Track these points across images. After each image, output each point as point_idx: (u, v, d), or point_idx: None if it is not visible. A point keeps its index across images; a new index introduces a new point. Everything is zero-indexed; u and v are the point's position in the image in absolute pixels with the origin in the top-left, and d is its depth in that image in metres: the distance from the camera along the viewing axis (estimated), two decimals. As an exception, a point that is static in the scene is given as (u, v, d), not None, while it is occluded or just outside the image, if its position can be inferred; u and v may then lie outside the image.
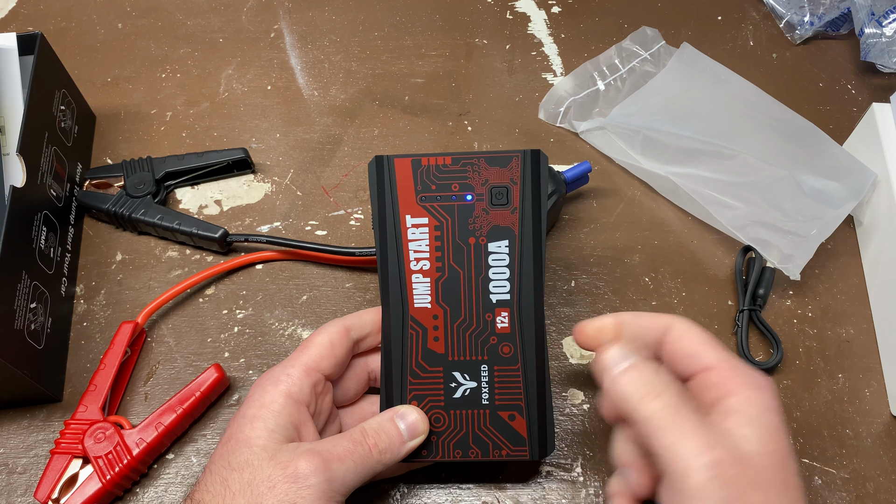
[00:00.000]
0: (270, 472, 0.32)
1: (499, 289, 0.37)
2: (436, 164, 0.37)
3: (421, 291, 0.37)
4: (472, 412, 0.37)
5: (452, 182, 0.37)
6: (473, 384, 0.37)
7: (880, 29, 0.58)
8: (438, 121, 0.57)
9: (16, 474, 0.43)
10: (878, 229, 0.49)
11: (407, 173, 0.37)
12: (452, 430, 0.38)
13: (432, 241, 0.37)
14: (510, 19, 0.64)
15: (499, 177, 0.37)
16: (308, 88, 0.59)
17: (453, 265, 0.37)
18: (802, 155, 0.51)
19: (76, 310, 0.49)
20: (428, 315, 0.37)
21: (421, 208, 0.37)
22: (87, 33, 0.63)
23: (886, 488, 0.42)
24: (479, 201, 0.37)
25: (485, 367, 0.37)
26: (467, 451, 0.37)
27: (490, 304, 0.37)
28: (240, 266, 0.50)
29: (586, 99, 0.58)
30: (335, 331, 0.38)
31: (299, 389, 0.35)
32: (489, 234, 0.37)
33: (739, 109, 0.54)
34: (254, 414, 0.35)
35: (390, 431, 0.36)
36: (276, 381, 0.36)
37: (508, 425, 0.37)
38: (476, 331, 0.37)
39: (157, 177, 0.52)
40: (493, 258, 0.37)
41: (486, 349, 0.37)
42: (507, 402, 0.37)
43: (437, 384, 0.37)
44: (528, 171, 0.36)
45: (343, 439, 0.35)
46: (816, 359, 0.47)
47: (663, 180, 0.52)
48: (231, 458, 0.33)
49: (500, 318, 0.37)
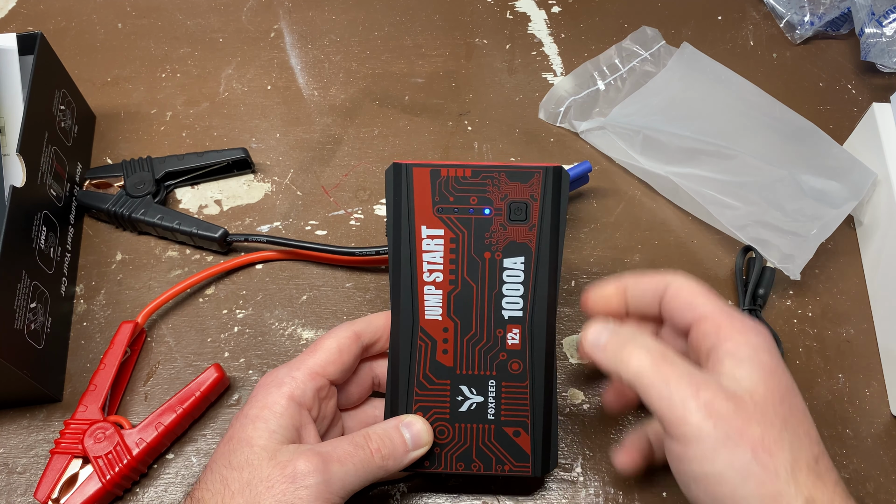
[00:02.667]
0: (269, 472, 0.32)
1: (512, 305, 0.36)
2: (455, 176, 0.36)
3: (432, 303, 0.37)
4: (477, 426, 0.37)
5: (471, 195, 0.36)
6: (480, 399, 0.37)
7: (880, 29, 0.58)
8: (438, 121, 0.57)
9: (16, 474, 0.43)
10: (878, 229, 0.49)
11: (425, 183, 0.36)
12: (456, 442, 0.37)
13: (447, 254, 0.36)
14: (510, 19, 0.64)
15: (519, 192, 0.36)
16: (308, 88, 0.59)
17: (467, 279, 0.36)
18: (802, 155, 0.51)
19: (76, 310, 0.49)
20: (438, 327, 0.37)
21: (437, 219, 0.36)
22: (87, 33, 0.63)
23: (886, 488, 0.42)
24: (497, 216, 0.36)
25: (492, 382, 0.37)
26: (470, 463, 0.37)
27: (502, 320, 0.37)
28: (240, 266, 0.50)
29: (586, 99, 0.58)
30: (345, 336, 0.37)
31: (302, 393, 0.35)
32: (505, 249, 0.36)
33: (739, 109, 0.54)
34: (256, 414, 0.35)
35: (395, 439, 0.36)
36: (280, 382, 0.36)
37: (513, 441, 0.37)
38: (486, 346, 0.37)
39: (157, 177, 0.52)
40: (507, 274, 0.36)
41: (496, 365, 0.37)
42: (512, 418, 0.37)
43: (443, 397, 0.37)
44: (549, 188, 0.36)
45: (345, 442, 0.35)
46: (816, 359, 0.47)
47: (663, 180, 0.52)
48: (232, 457, 0.34)
49: (511, 334, 0.37)
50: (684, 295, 0.35)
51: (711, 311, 0.34)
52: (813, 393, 0.45)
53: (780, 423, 0.30)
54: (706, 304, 0.34)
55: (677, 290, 0.35)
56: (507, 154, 0.55)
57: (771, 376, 0.31)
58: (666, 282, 0.36)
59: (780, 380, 0.31)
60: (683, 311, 0.35)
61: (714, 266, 0.50)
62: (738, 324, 0.33)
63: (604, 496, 0.42)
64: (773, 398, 0.31)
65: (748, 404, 0.30)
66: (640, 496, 0.42)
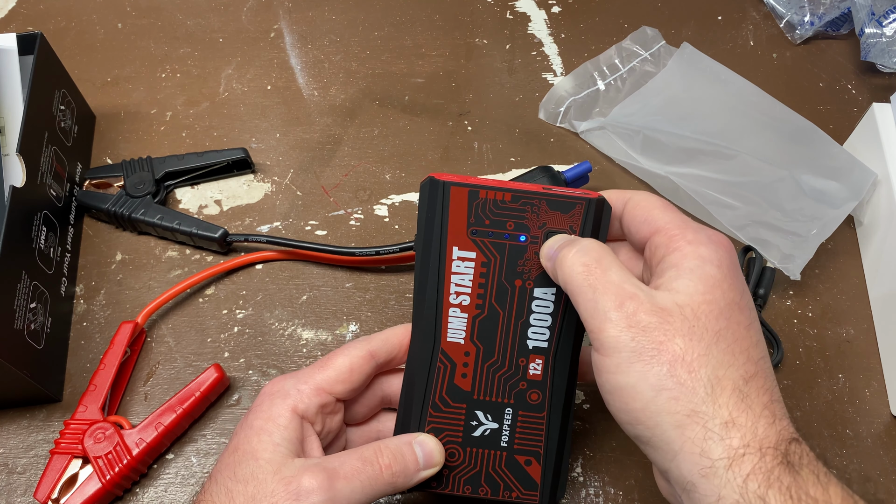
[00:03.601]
0: (274, 487, 0.32)
1: (537, 335, 0.35)
2: (493, 199, 0.35)
3: (456, 326, 0.36)
4: (488, 452, 0.36)
5: (508, 220, 0.35)
6: (495, 425, 0.36)
7: (880, 29, 0.58)
8: (438, 121, 0.57)
9: (16, 474, 0.43)
10: (878, 229, 0.49)
11: (462, 203, 0.35)
12: (466, 466, 0.37)
13: (476, 277, 0.35)
14: (510, 19, 0.64)
15: (558, 222, 0.34)
16: (308, 88, 0.59)
17: (494, 305, 0.35)
18: (802, 155, 0.51)
19: (76, 310, 0.49)
20: (459, 351, 0.36)
21: (471, 241, 0.35)
22: (87, 33, 0.63)
23: (886, 488, 0.42)
24: (533, 244, 0.35)
25: (509, 410, 0.36)
26: (477, 487, 0.37)
27: (526, 350, 0.36)
28: (240, 266, 0.50)
29: (586, 99, 0.58)
30: (358, 355, 0.36)
31: (306, 407, 0.35)
32: (537, 279, 0.35)
33: (739, 109, 0.54)
34: (261, 426, 0.34)
35: (407, 455, 0.35)
36: (285, 394, 0.35)
37: (524, 470, 0.36)
38: (506, 374, 0.36)
39: (157, 177, 0.52)
40: (536, 304, 0.35)
41: (515, 393, 0.36)
42: (526, 447, 0.36)
43: (457, 420, 0.36)
44: (589, 220, 0.34)
45: (352, 457, 0.34)
46: (816, 359, 0.47)
47: (663, 180, 0.52)
48: (237, 469, 0.33)
49: (533, 364, 0.36)
50: (641, 209, 0.33)
51: (666, 223, 0.32)
52: (813, 393, 0.45)
53: (710, 338, 0.28)
54: (661, 217, 0.32)
55: (635, 205, 0.34)
56: (507, 154, 0.55)
57: (713, 289, 0.29)
58: (626, 198, 0.34)
59: (723, 293, 0.29)
60: (640, 226, 0.33)
61: (714, 266, 0.50)
62: (690, 234, 0.31)
63: (604, 496, 0.42)
64: (709, 312, 0.29)
65: (675, 318, 0.29)
66: (639, 496, 0.42)
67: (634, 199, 0.34)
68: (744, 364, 0.29)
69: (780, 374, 0.46)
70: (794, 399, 0.45)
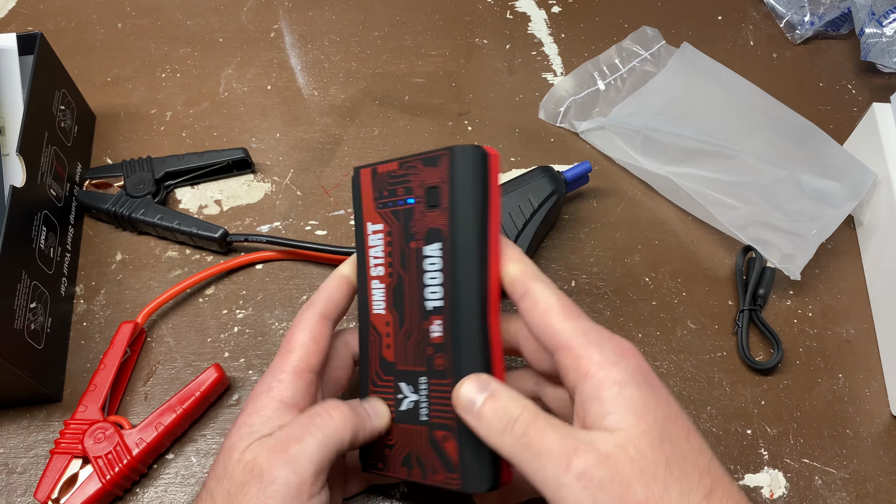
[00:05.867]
0: (242, 478, 0.32)
1: (433, 295, 0.34)
2: (387, 171, 0.36)
3: (378, 297, 0.36)
4: (413, 428, 0.35)
5: (398, 187, 0.35)
6: (415, 397, 0.35)
7: (880, 29, 0.58)
8: (438, 121, 0.57)
9: (16, 474, 0.43)
10: (878, 229, 0.49)
11: (368, 182, 0.36)
12: (400, 444, 0.35)
13: (385, 247, 0.36)
14: (510, 19, 0.64)
15: (431, 176, 0.34)
16: (308, 88, 0.59)
17: (400, 271, 0.35)
18: (802, 155, 0.51)
19: (76, 310, 0.49)
20: (382, 321, 0.36)
21: (378, 215, 0.36)
22: (87, 33, 0.63)
23: (886, 488, 0.42)
24: (419, 204, 0.34)
25: (423, 378, 0.34)
26: (411, 469, 0.35)
27: (425, 312, 0.34)
28: (240, 266, 0.50)
29: (586, 99, 0.58)
30: (314, 324, 0.36)
31: (292, 394, 0.34)
32: (425, 237, 0.34)
33: (739, 109, 0.54)
34: (242, 421, 0.34)
35: (356, 407, 0.35)
36: (268, 388, 0.35)
37: (441, 447, 0.34)
38: (415, 339, 0.35)
39: (157, 177, 0.52)
40: (427, 262, 0.34)
41: (425, 359, 0.34)
42: (439, 420, 0.34)
43: (389, 394, 0.36)
44: (459, 169, 0.33)
45: (297, 420, 0.33)
46: (816, 359, 0.47)
47: (663, 180, 0.52)
48: (216, 467, 0.33)
49: (434, 326, 0.34)
50: (538, 314, 0.31)
51: (568, 341, 0.30)
52: (813, 393, 0.45)
53: (663, 471, 0.28)
54: (562, 329, 0.31)
55: (532, 305, 0.32)
56: (508, 154, 0.55)
57: (644, 415, 0.28)
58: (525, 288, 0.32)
59: (654, 415, 0.29)
60: (539, 332, 0.32)
61: (714, 266, 0.50)
62: (596, 355, 0.30)
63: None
64: (650, 443, 0.28)
65: (624, 463, 0.27)
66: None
67: (533, 296, 0.32)
68: (700, 481, 0.28)
69: (780, 374, 0.46)
70: (794, 399, 0.45)
